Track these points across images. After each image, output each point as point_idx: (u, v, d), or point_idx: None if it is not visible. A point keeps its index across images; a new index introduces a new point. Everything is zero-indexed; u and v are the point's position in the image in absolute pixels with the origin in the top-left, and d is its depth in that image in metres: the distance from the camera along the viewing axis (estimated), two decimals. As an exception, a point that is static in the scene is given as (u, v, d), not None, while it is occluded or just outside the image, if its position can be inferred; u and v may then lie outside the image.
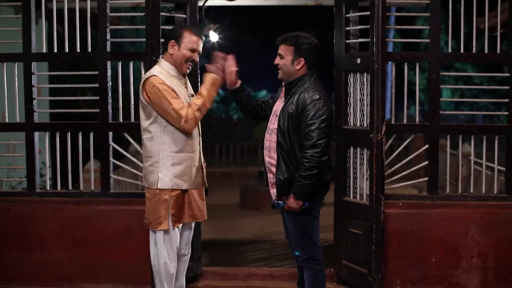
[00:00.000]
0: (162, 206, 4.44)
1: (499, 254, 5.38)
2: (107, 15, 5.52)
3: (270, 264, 6.89)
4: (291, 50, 4.44)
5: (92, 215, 5.56)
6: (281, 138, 4.40)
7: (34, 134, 5.64)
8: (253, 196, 11.22)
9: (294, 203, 4.36)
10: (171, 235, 4.50)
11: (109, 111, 5.56)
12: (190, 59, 4.48)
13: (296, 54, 4.44)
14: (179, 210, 4.49)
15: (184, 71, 4.52)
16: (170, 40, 4.47)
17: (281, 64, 4.49)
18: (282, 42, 4.50)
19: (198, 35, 4.50)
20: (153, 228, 4.49)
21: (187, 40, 4.43)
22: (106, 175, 5.62)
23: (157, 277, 4.57)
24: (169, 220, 4.44)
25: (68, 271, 5.57)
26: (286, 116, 4.38)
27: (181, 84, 4.50)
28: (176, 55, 4.46)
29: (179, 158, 4.43)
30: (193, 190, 4.56)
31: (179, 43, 4.43)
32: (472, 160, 6.39)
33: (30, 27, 5.57)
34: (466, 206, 5.44)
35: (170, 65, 4.48)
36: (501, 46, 5.56)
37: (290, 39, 4.46)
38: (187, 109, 4.31)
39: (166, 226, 4.45)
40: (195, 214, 4.59)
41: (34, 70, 5.63)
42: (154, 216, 4.46)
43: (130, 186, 8.32)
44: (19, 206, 5.62)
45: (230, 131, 21.89)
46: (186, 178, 4.48)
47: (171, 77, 4.43)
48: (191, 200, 4.55)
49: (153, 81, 4.32)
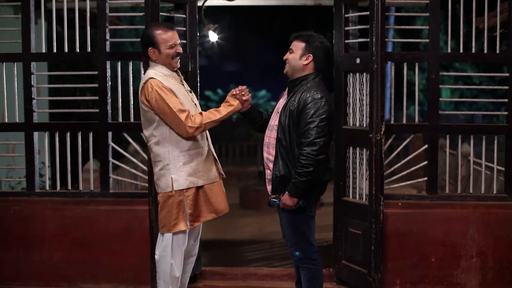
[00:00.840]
0: (177, 207, 4.40)
1: (498, 254, 5.38)
2: (106, 15, 5.52)
3: (269, 264, 6.88)
4: (302, 46, 4.47)
5: (91, 215, 5.56)
6: (281, 135, 4.40)
7: (33, 134, 5.64)
8: (252, 196, 11.21)
9: (288, 200, 4.35)
10: (180, 237, 4.48)
11: (109, 111, 5.56)
12: (175, 54, 4.44)
13: (306, 50, 4.46)
14: (196, 209, 4.47)
15: (175, 66, 4.50)
16: (148, 48, 4.42)
17: (290, 58, 4.51)
18: (295, 38, 4.54)
19: (169, 29, 4.44)
20: (168, 230, 4.43)
21: (162, 40, 4.38)
22: (105, 175, 5.62)
23: (162, 279, 4.53)
24: (187, 220, 4.42)
25: (67, 271, 5.57)
26: (287, 113, 4.38)
27: (177, 82, 4.50)
28: (160, 58, 4.43)
29: (189, 156, 4.41)
30: (210, 184, 4.54)
31: (157, 47, 4.39)
32: (472, 160, 6.38)
33: (30, 27, 5.57)
34: (465, 206, 5.44)
35: (161, 66, 4.45)
36: (500, 46, 5.56)
37: (304, 35, 4.51)
38: (189, 116, 4.30)
39: (184, 226, 4.42)
40: (216, 209, 4.58)
41: (34, 70, 5.63)
42: (169, 218, 4.41)
43: (130, 186, 8.33)
44: (18, 206, 5.62)
45: (229, 131, 21.86)
46: (200, 174, 4.46)
47: (167, 77, 4.42)
48: (208, 196, 4.53)
49: (151, 84, 4.30)
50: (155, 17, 5.19)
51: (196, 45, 5.62)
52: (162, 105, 4.27)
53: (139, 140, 5.69)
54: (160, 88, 4.28)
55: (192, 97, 4.59)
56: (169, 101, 4.26)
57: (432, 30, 5.38)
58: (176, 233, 4.44)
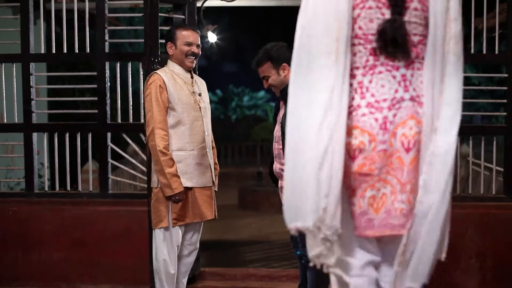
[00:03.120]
0: (163, 204, 4.50)
1: (497, 255, 5.38)
2: (105, 16, 5.52)
3: (268, 265, 6.89)
4: (269, 66, 4.38)
5: (90, 215, 5.56)
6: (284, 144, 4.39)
7: (32, 135, 5.63)
8: (251, 197, 11.21)
9: None
10: (172, 233, 4.53)
11: (108, 112, 5.56)
12: (189, 53, 4.59)
13: (276, 64, 4.38)
14: (181, 208, 4.52)
15: (188, 66, 4.63)
16: (167, 42, 4.64)
17: (271, 82, 4.41)
18: (256, 66, 4.44)
19: (191, 29, 4.66)
20: (154, 226, 4.55)
21: (180, 36, 4.59)
22: (104, 176, 5.62)
23: (157, 276, 4.60)
24: (169, 218, 4.49)
25: (66, 272, 5.56)
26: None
27: (186, 83, 4.60)
28: (175, 54, 4.61)
29: (178, 156, 4.47)
30: (200, 188, 4.59)
31: (175, 42, 4.60)
32: (471, 160, 6.38)
33: (28, 28, 5.56)
34: (464, 206, 5.44)
35: (175, 64, 4.63)
36: (499, 47, 5.56)
37: (261, 58, 4.40)
38: (155, 133, 4.40)
39: (166, 224, 4.49)
40: (202, 214, 4.61)
41: (32, 70, 5.62)
42: (155, 214, 4.53)
43: (129, 187, 8.32)
44: (17, 207, 5.62)
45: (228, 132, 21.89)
46: (188, 176, 4.50)
47: (176, 76, 4.56)
48: (196, 199, 4.57)
49: (150, 80, 4.48)
50: (154, 18, 5.19)
51: (195, 46, 5.62)
52: (150, 103, 4.44)
53: (138, 141, 5.68)
54: (157, 87, 4.43)
55: (199, 100, 4.65)
56: (156, 107, 4.42)
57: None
58: (167, 229, 4.52)
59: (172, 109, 4.48)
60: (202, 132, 4.60)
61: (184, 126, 4.50)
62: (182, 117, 4.49)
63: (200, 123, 4.59)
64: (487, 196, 5.63)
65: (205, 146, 4.62)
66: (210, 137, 4.74)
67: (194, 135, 4.54)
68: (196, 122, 4.57)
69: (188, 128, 4.51)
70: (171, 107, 4.47)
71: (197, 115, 4.57)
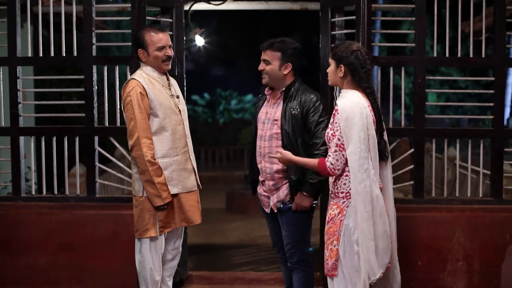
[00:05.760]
0: (148, 213, 4.42)
1: (484, 258, 5.41)
2: (93, 19, 5.51)
3: (256, 268, 6.89)
4: (278, 56, 4.45)
5: (77, 219, 5.54)
6: (287, 141, 4.39)
7: (19, 139, 5.61)
8: (239, 200, 11.20)
9: (305, 201, 4.41)
10: (157, 242, 4.49)
11: (95, 115, 5.55)
12: (164, 58, 4.48)
13: (284, 59, 4.45)
14: (167, 216, 4.47)
15: (164, 69, 4.55)
16: (137, 49, 4.49)
17: (268, 70, 4.48)
18: (267, 48, 4.49)
19: (159, 31, 4.50)
20: (140, 235, 4.47)
21: (151, 42, 4.44)
22: (91, 180, 5.60)
23: (143, 284, 4.56)
24: (157, 227, 4.43)
25: (54, 276, 5.54)
26: (289, 119, 4.39)
27: (163, 86, 4.53)
28: (149, 61, 4.49)
29: (163, 163, 4.42)
30: (185, 193, 4.54)
31: (146, 49, 4.46)
32: (458, 163, 6.42)
33: (15, 31, 5.55)
34: (451, 209, 5.46)
35: (150, 68, 4.51)
36: (486, 50, 5.60)
37: (277, 45, 4.46)
38: (141, 143, 4.31)
39: (154, 233, 4.43)
40: (188, 218, 4.56)
41: (19, 74, 5.60)
42: (141, 223, 4.44)
43: (116, 190, 8.30)
44: (4, 211, 5.59)
45: (216, 135, 21.85)
46: (174, 183, 4.46)
47: (153, 80, 4.46)
48: (182, 204, 4.52)
49: (129, 86, 4.37)
50: (141, 21, 5.19)
51: (182, 49, 5.62)
52: (132, 111, 4.33)
53: (125, 144, 5.66)
54: (137, 94, 4.32)
55: (177, 102, 4.59)
56: (139, 115, 4.33)
57: (418, 34, 5.41)
58: (152, 238, 4.46)
59: (154, 115, 4.41)
60: (184, 136, 4.57)
61: (167, 131, 4.44)
62: (165, 122, 4.43)
63: (181, 127, 4.55)
64: (474, 199, 5.66)
65: (187, 150, 4.59)
66: (190, 140, 4.68)
67: (176, 140, 4.49)
68: (178, 127, 4.52)
69: (170, 133, 4.45)
70: (153, 114, 4.40)
71: (178, 119, 4.52)
